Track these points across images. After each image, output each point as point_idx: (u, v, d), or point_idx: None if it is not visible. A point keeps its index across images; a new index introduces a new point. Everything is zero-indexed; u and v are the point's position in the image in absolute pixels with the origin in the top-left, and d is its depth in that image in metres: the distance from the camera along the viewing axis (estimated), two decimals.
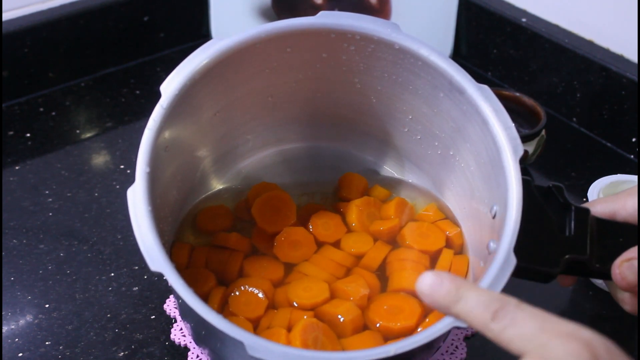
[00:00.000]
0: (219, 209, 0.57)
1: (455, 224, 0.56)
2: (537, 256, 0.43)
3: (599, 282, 0.61)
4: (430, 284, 0.34)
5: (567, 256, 0.43)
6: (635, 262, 0.41)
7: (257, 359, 0.36)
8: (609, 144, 0.79)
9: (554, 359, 0.29)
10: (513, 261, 0.40)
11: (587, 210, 0.44)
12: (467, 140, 0.50)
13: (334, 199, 0.60)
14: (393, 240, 0.56)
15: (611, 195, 0.46)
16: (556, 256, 0.43)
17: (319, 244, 0.56)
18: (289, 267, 0.54)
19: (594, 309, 0.61)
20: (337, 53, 0.51)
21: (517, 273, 0.40)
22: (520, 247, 0.41)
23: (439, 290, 0.33)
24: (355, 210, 0.57)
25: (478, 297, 0.33)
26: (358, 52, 0.50)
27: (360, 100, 0.56)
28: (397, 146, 0.59)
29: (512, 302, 0.32)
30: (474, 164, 0.50)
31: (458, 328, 0.38)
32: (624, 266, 0.41)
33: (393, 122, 0.57)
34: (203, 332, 0.46)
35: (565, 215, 0.44)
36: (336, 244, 0.56)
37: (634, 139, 0.76)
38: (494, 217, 0.46)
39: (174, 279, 0.39)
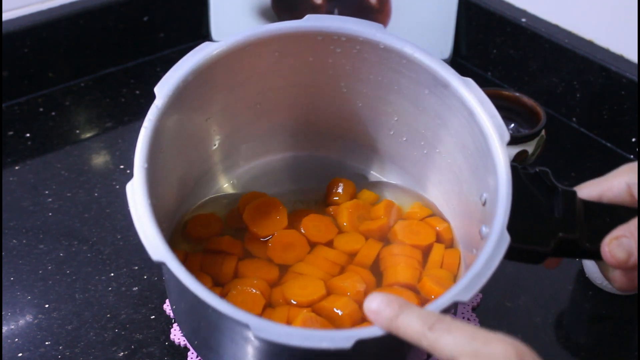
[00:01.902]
0: (208, 217, 0.57)
1: (444, 220, 0.57)
2: (528, 236, 0.43)
3: (599, 282, 0.61)
4: (378, 302, 0.37)
5: (559, 234, 0.43)
6: (624, 240, 0.41)
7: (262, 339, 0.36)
8: (608, 144, 0.79)
9: (486, 357, 0.33)
10: (507, 239, 0.41)
11: (573, 192, 0.45)
12: (453, 134, 0.51)
13: (324, 206, 0.60)
14: (384, 239, 0.57)
15: (597, 178, 0.46)
16: (547, 235, 0.43)
17: (312, 245, 0.56)
18: (284, 269, 0.54)
19: (594, 309, 0.61)
20: (323, 56, 0.52)
21: (509, 255, 0.41)
22: (512, 229, 0.41)
23: (385, 309, 0.36)
24: (345, 212, 0.57)
25: (418, 313, 0.36)
26: (344, 54, 0.51)
27: (346, 106, 0.56)
28: (384, 151, 0.60)
29: (447, 317, 0.35)
30: (461, 157, 0.51)
31: (459, 302, 0.39)
32: (613, 244, 0.42)
33: (379, 126, 0.58)
34: (201, 335, 0.46)
35: (553, 197, 0.45)
36: (329, 244, 0.56)
37: (633, 139, 0.76)
38: (484, 204, 0.47)
39: (176, 268, 0.39)
